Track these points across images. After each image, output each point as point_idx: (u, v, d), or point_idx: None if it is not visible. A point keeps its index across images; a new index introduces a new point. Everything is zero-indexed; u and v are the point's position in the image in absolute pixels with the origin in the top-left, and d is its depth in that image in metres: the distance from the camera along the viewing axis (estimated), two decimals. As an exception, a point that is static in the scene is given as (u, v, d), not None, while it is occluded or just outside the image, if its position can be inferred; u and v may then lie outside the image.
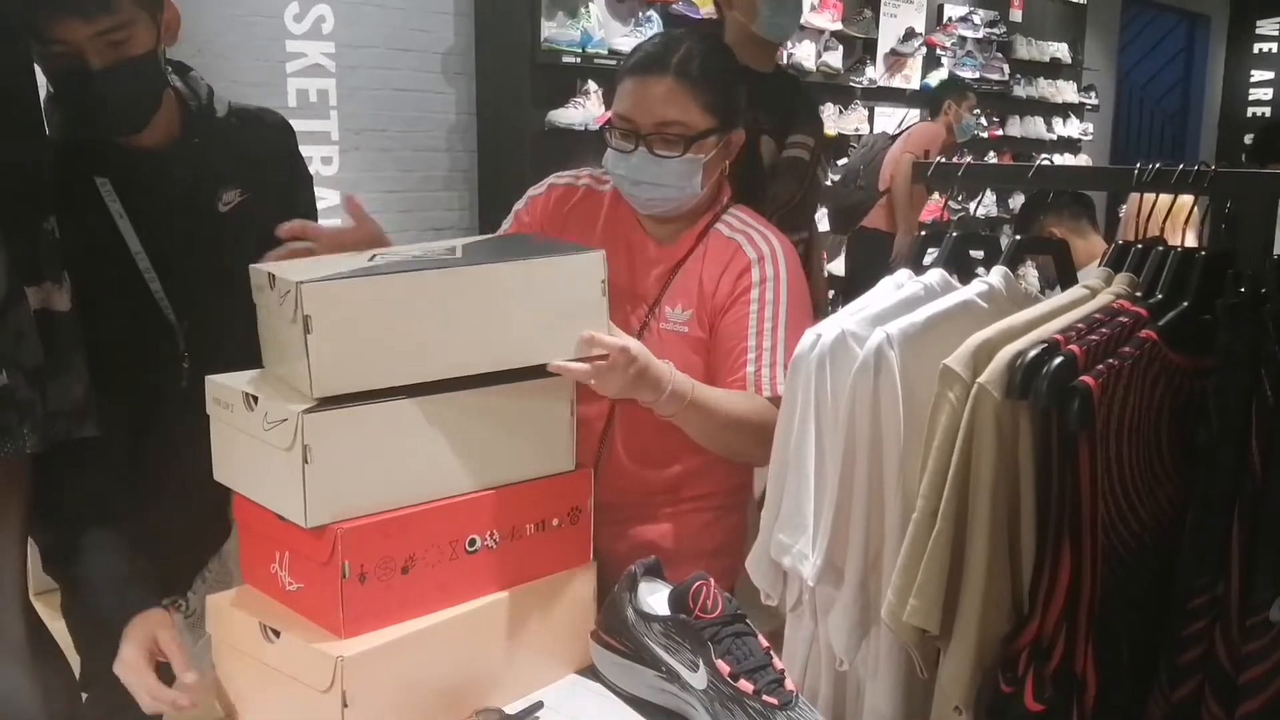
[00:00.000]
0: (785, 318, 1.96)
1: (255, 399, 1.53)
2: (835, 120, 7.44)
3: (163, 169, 1.92)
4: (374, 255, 1.65)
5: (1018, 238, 1.67)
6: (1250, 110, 12.09)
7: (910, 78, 8.28)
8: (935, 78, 8.47)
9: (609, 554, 1.92)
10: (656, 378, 1.76)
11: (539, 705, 1.64)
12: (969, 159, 6.69)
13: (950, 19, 8.72)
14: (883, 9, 7.91)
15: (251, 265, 1.62)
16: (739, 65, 2.13)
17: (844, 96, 7.67)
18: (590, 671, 1.76)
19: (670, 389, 1.78)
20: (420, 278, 1.56)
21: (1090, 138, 10.63)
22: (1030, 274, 4.07)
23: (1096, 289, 1.57)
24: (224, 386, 1.60)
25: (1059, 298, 1.57)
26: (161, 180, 1.91)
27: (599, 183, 2.15)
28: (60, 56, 1.74)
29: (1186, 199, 1.71)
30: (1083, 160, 10.10)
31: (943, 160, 1.80)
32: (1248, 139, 11.07)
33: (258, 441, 1.52)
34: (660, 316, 2.04)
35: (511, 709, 1.62)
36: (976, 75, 8.81)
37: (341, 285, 1.48)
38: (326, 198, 5.01)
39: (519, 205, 2.19)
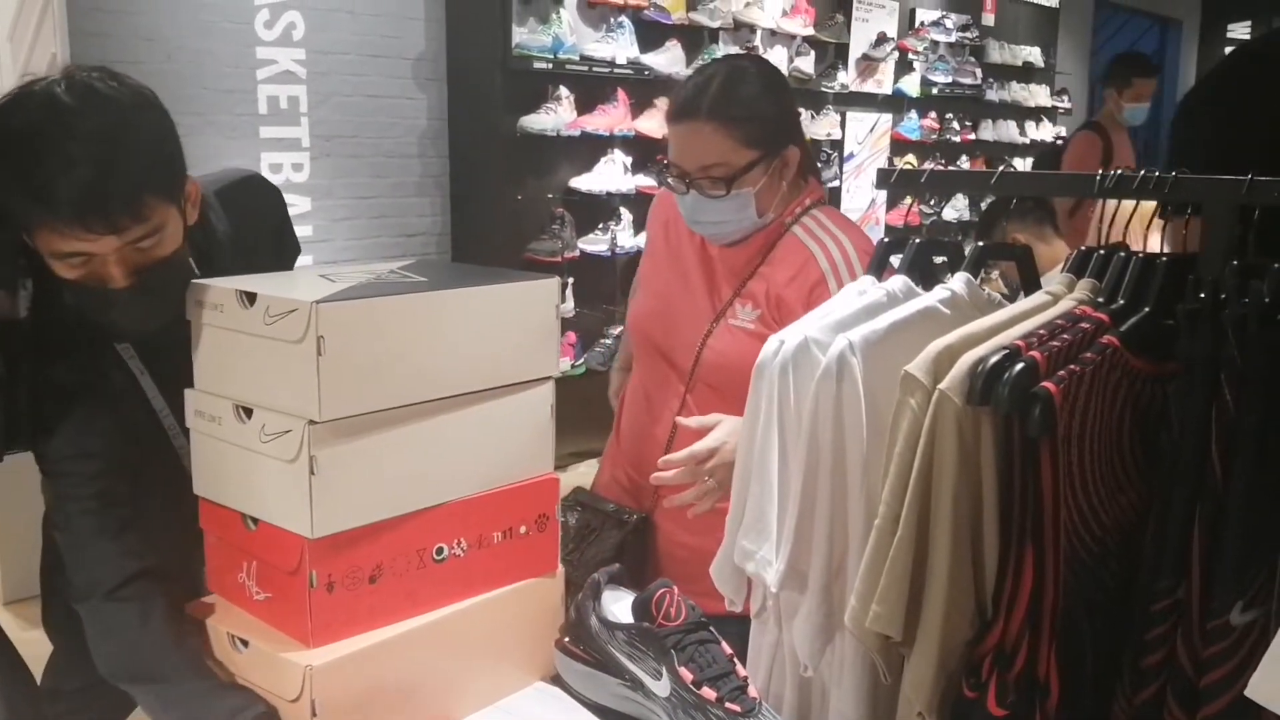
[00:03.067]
0: None
1: (249, 411, 1.52)
2: (808, 125, 7.48)
3: (182, 321, 1.67)
4: (323, 275, 1.64)
5: (980, 244, 1.67)
6: (1222, 113, 12.11)
7: (882, 82, 8.32)
8: (908, 83, 8.51)
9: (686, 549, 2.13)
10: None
11: None
12: (930, 165, 6.70)
13: (922, 23, 8.76)
14: (855, 14, 7.94)
15: (196, 280, 1.60)
16: (781, 80, 2.17)
17: (816, 102, 7.70)
18: (557, 679, 1.76)
19: None
20: (427, 298, 1.57)
21: (1063, 142, 10.67)
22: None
23: (1058, 295, 1.58)
24: (209, 398, 1.59)
25: (1021, 304, 1.56)
26: (181, 331, 1.66)
27: None
28: (80, 266, 1.54)
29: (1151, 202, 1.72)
30: (1055, 164, 10.15)
31: (908, 168, 1.80)
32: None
33: (252, 454, 1.51)
34: (731, 314, 2.14)
35: None
36: (949, 80, 8.85)
37: (355, 306, 1.48)
38: (297, 204, 5.04)
39: (654, 203, 2.39)
